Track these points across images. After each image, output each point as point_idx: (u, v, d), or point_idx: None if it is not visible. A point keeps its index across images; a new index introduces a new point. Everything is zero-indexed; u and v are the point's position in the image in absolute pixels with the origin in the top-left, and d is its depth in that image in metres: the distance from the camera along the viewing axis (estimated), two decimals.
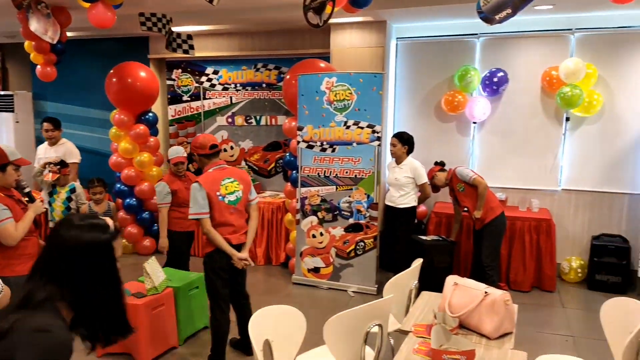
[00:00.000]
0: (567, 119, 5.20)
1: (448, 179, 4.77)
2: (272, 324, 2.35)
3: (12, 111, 6.81)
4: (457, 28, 5.46)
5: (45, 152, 5.19)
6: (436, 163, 4.98)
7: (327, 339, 2.28)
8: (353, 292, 4.89)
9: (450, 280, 2.56)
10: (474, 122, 5.50)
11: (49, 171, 4.50)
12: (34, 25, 4.44)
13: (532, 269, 4.95)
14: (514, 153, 5.44)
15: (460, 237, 5.10)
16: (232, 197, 3.33)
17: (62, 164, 4.57)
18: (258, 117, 6.31)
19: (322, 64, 5.23)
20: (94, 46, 6.72)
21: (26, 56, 7.08)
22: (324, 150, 4.92)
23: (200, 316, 4.02)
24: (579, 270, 5.14)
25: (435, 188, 4.92)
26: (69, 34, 5.98)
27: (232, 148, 6.45)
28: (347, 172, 4.87)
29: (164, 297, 3.66)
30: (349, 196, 4.88)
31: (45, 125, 5.19)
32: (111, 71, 5.73)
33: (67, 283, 1.26)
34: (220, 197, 3.27)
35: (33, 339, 1.16)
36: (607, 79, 5.04)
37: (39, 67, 5.31)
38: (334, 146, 4.88)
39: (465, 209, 4.69)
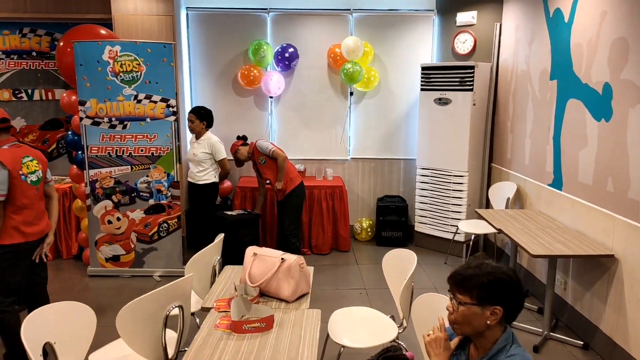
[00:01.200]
0: (351, 94, 5.70)
1: (250, 152, 4.82)
2: (54, 324, 2.06)
3: None
4: (248, 1, 5.46)
5: None
6: (238, 137, 4.98)
7: (121, 330, 2.09)
8: (159, 276, 4.64)
9: (250, 251, 2.59)
10: (271, 97, 5.63)
11: None
12: None
13: (330, 232, 5.36)
14: (308, 126, 5.75)
15: (265, 209, 5.23)
16: (33, 177, 3.00)
17: None
18: (30, 91, 5.42)
19: (103, 31, 4.71)
20: None
21: None
22: (113, 127, 4.47)
23: None
24: (369, 229, 5.76)
25: (239, 162, 4.94)
26: None
27: None
28: (142, 150, 4.53)
29: None
30: (147, 176, 4.56)
31: None
32: None
33: None
34: (22, 177, 2.91)
35: None
36: (381, 57, 5.64)
37: None
38: (125, 122, 4.48)
39: (268, 181, 4.81)
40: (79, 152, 4.66)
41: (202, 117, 4.75)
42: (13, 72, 5.38)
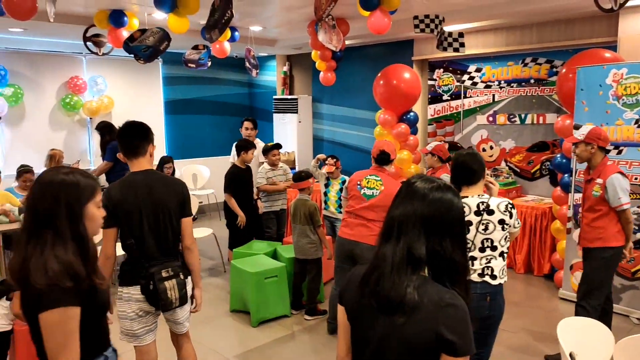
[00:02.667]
0: None
1: None
2: (576, 336, 2.16)
3: (296, 112, 7.97)
4: None
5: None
6: None
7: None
8: (638, 319, 4.16)
9: None
10: None
11: (327, 164, 5.07)
12: (321, 36, 5.07)
13: None
14: None
15: None
16: None
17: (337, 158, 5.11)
18: (523, 115, 5.91)
19: (608, 54, 4.58)
20: (364, 51, 7.34)
21: (308, 64, 8.19)
22: (606, 151, 4.29)
23: None
24: None
25: None
26: (345, 42, 6.68)
27: (491, 148, 6.21)
28: (636, 179, 4.15)
29: None
30: (639, 207, 4.15)
31: (246, 124, 5.63)
32: (379, 74, 6.15)
33: (435, 243, 1.33)
34: None
35: (449, 313, 1.28)
36: None
37: (321, 73, 6.06)
38: (620, 147, 4.22)
39: None
40: (566, 175, 4.72)
41: None
42: (511, 99, 5.99)
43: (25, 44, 6.44)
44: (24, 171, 5.20)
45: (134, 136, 2.59)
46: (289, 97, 8.17)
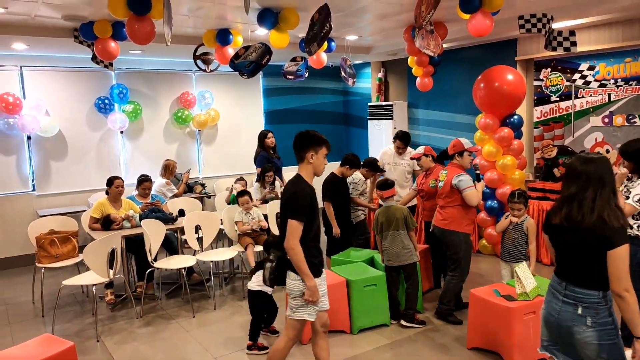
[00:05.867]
0: None
1: None
2: None
3: (392, 119, 7.92)
4: None
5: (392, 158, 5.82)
6: None
7: None
8: None
9: None
10: None
11: None
12: (419, 41, 5.00)
13: None
14: None
15: None
16: None
17: None
18: None
19: None
20: (462, 54, 7.11)
21: (403, 70, 8.12)
22: None
23: None
24: None
25: None
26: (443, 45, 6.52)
27: (607, 152, 5.71)
28: None
29: (534, 304, 3.54)
30: None
31: (399, 143, 5.67)
32: (479, 77, 5.91)
33: None
34: None
35: None
36: None
37: (418, 79, 5.97)
38: None
39: None
40: None
41: None
42: (629, 98, 5.47)
43: (143, 64, 7.09)
44: (143, 180, 5.70)
45: (294, 145, 3.11)
46: (384, 103, 8.14)
